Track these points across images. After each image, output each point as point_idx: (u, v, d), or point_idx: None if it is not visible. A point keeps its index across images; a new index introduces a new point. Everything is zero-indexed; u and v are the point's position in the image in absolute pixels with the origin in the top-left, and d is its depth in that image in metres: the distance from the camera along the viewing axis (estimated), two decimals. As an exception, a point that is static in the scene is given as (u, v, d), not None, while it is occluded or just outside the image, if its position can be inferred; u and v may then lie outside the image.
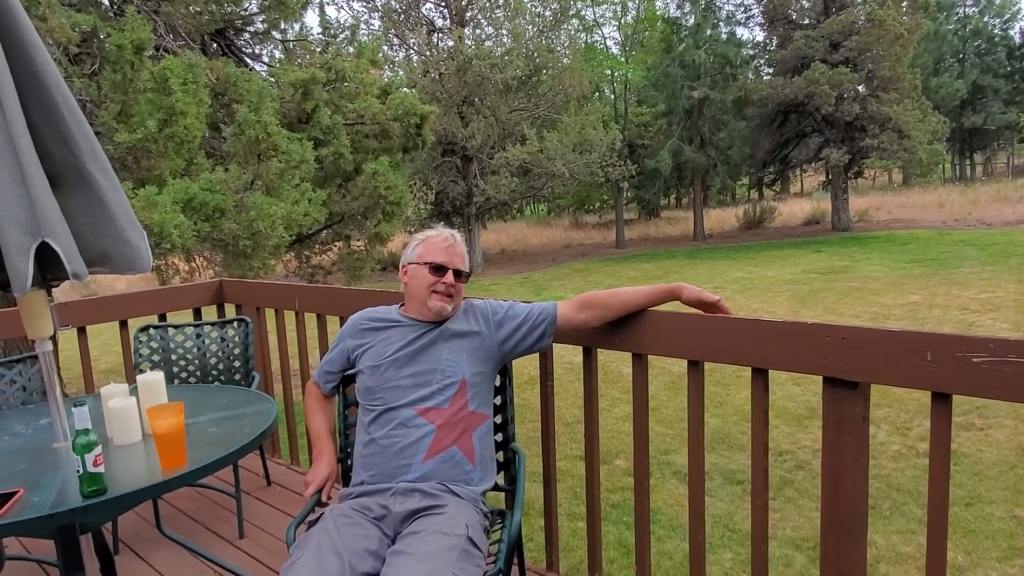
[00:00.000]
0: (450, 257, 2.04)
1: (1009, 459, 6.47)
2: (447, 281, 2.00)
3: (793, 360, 1.77)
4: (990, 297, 12.75)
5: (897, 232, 23.72)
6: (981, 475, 6.22)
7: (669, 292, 2.01)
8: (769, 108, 24.91)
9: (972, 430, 7.22)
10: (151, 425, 1.80)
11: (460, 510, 1.78)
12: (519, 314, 2.07)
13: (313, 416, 2.14)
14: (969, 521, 5.42)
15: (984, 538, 5.14)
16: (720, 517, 5.67)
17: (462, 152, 20.41)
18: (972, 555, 4.90)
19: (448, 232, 2.10)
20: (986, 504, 5.68)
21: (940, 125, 23.52)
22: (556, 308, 2.07)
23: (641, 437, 2.17)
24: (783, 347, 1.78)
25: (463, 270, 2.06)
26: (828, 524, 1.76)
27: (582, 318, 2.06)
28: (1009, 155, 47.99)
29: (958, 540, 5.14)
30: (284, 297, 3.38)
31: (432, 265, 2.03)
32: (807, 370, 1.75)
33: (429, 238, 2.10)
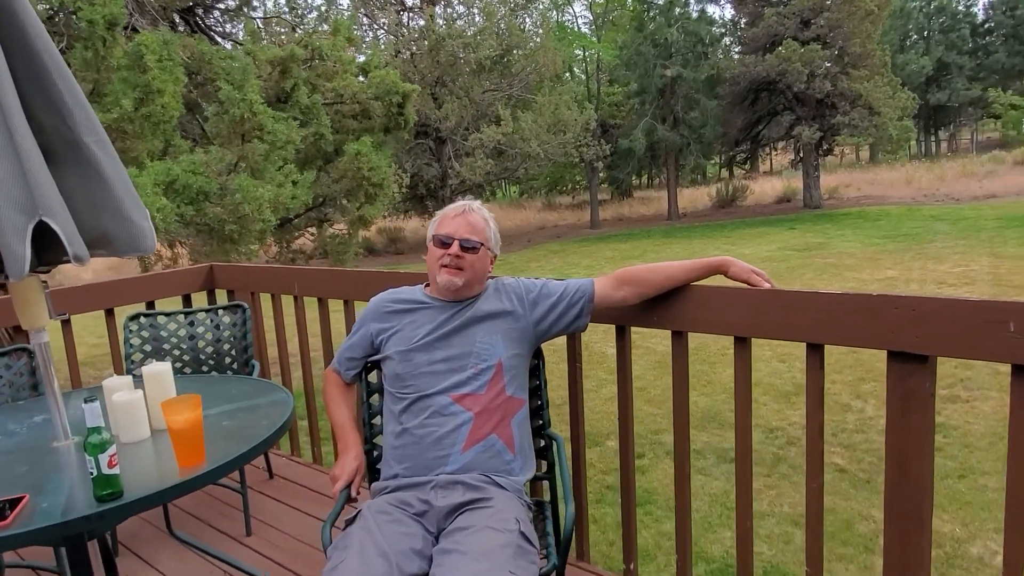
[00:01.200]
0: (456, 227, 1.90)
1: (997, 430, 6.53)
2: (452, 252, 1.87)
3: (854, 334, 1.68)
4: (965, 271, 12.94)
5: (868, 208, 24.03)
6: (971, 447, 6.27)
7: (715, 267, 1.91)
8: (741, 86, 24.96)
9: (958, 402, 7.29)
10: (167, 421, 1.65)
11: (507, 503, 1.67)
12: (554, 292, 1.95)
13: (335, 406, 2.00)
14: (963, 493, 5.45)
15: (980, 509, 5.18)
16: (717, 496, 5.65)
17: (435, 134, 20.12)
18: (969, 527, 4.93)
19: (464, 202, 1.97)
20: (979, 475, 5.72)
21: (909, 101, 23.79)
22: (593, 285, 1.95)
23: (682, 423, 2.08)
24: (843, 320, 1.68)
25: (473, 240, 1.90)
26: (893, 508, 1.68)
27: (621, 295, 1.95)
28: (973, 131, 48.88)
29: (954, 512, 5.17)
30: (282, 281, 3.21)
31: (437, 238, 1.91)
32: (869, 344, 1.66)
33: (444, 212, 1.98)
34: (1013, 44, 42.89)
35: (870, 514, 5.17)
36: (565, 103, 20.81)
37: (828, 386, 8.26)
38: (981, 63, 43.18)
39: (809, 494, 1.83)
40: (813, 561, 1.86)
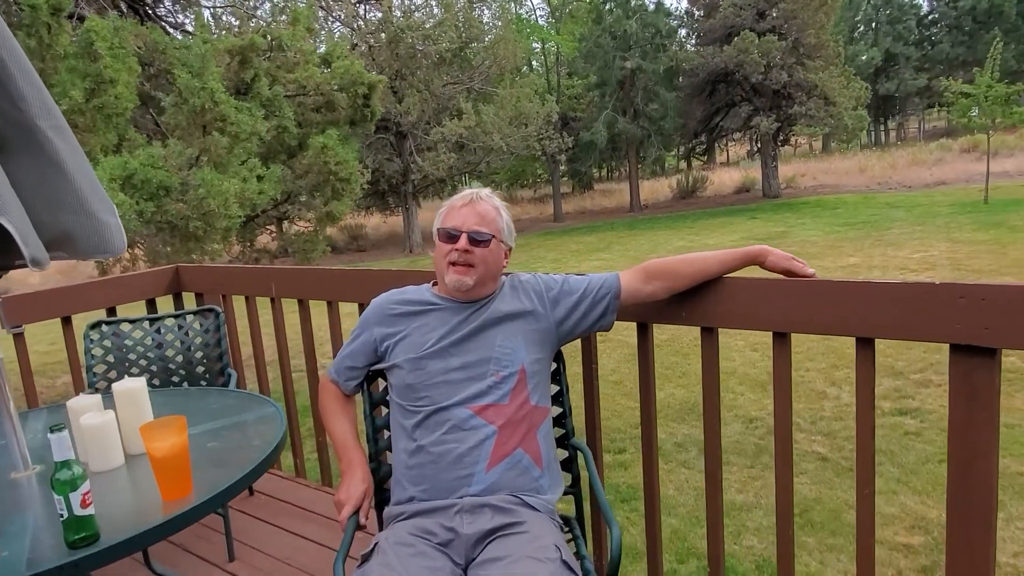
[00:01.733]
0: (463, 218, 1.69)
1: (971, 412, 6.57)
2: (460, 247, 1.66)
3: (912, 327, 1.54)
4: (924, 256, 13.18)
5: (825, 197, 24.43)
6: (943, 431, 6.29)
7: (750, 257, 1.75)
8: (700, 78, 25.12)
9: (931, 387, 7.34)
10: (148, 448, 1.42)
11: (542, 527, 1.49)
12: (576, 288, 1.77)
13: (335, 420, 1.79)
14: (945, 477, 5.45)
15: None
16: (700, 488, 5.56)
17: (396, 128, 19.74)
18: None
19: (471, 191, 1.76)
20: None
21: (863, 91, 24.23)
22: (619, 280, 1.77)
23: (712, 427, 1.92)
24: (900, 312, 1.54)
25: (483, 232, 1.69)
26: (957, 511, 1.55)
27: (649, 290, 1.78)
28: (920, 120, 50.24)
29: (938, 497, 5.15)
30: (257, 281, 2.97)
31: (443, 232, 1.70)
32: (930, 337, 1.53)
33: (451, 203, 1.76)
34: (956, 35, 44.19)
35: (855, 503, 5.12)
36: (526, 96, 20.62)
37: (802, 374, 8.27)
38: (926, 54, 44.40)
39: (860, 502, 1.69)
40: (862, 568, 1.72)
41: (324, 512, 2.79)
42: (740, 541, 4.61)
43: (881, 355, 8.10)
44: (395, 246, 24.03)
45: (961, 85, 18.22)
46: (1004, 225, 15.69)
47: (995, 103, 17.98)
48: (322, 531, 2.67)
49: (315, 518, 2.77)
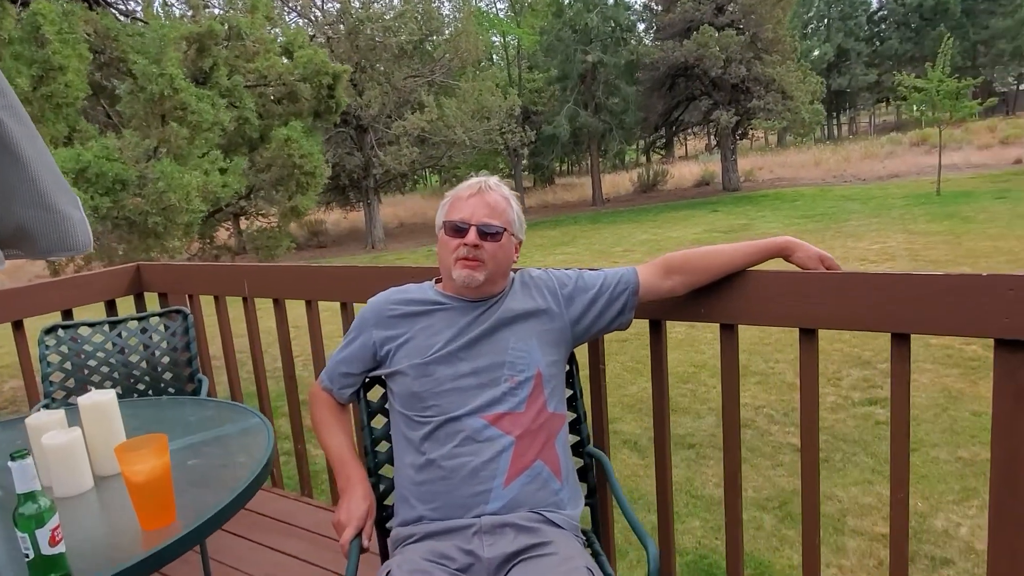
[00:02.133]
0: (472, 210, 1.55)
1: (939, 401, 6.66)
2: (468, 241, 1.53)
3: (954, 321, 1.45)
4: (883, 247, 13.43)
5: (783, 190, 24.81)
6: (917, 419, 6.35)
7: (777, 249, 1.64)
8: (660, 72, 25.26)
9: (896, 375, 7.41)
10: (126, 472, 1.25)
11: (569, 546, 1.35)
12: (591, 284, 1.64)
13: (329, 432, 1.63)
14: (918, 466, 5.48)
15: (937, 482, 5.21)
16: (680, 484, 5.50)
17: (356, 122, 19.35)
18: (930, 500, 4.93)
19: (479, 179, 1.62)
20: (930, 448, 5.78)
21: (818, 85, 24.67)
22: (637, 275, 1.65)
23: (732, 424, 1.82)
24: (940, 306, 1.45)
25: (493, 224, 1.55)
26: (1002, 515, 1.47)
27: (669, 286, 1.66)
28: (871, 115, 51.48)
29: (913, 486, 5.18)
30: (227, 280, 2.77)
31: (450, 225, 1.56)
32: (973, 332, 1.44)
33: (455, 193, 1.61)
34: (904, 31, 45.39)
35: (833, 493, 5.13)
36: (488, 89, 20.44)
37: (772, 365, 8.30)
38: (876, 49, 45.50)
39: (894, 507, 1.60)
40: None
41: (305, 525, 2.62)
42: (721, 536, 4.56)
43: (847, 344, 8.21)
44: (356, 242, 23.63)
45: (914, 80, 18.64)
46: (957, 216, 16.10)
47: (946, 97, 18.45)
48: (304, 546, 2.50)
49: (296, 532, 2.59)
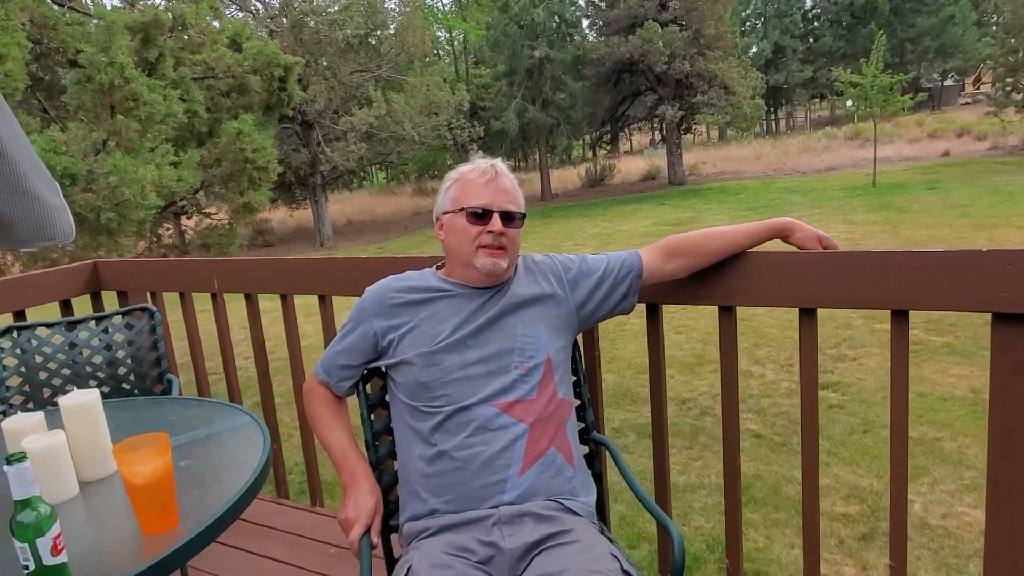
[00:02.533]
0: (492, 196, 1.52)
1: (887, 384, 6.88)
2: (494, 229, 1.49)
3: (952, 296, 1.48)
4: (827, 237, 13.83)
5: (727, 183, 25.37)
6: (868, 402, 6.56)
7: (777, 230, 1.65)
8: (606, 67, 25.49)
9: (846, 361, 7.66)
10: (125, 474, 1.17)
11: (590, 533, 1.33)
12: (595, 268, 1.62)
13: (329, 428, 1.56)
14: (871, 447, 5.66)
15: (888, 461, 5.38)
16: (645, 472, 5.56)
17: (302, 117, 18.93)
18: (884, 479, 5.09)
19: (487, 162, 1.58)
20: (881, 428, 5.98)
21: (758, 81, 25.30)
22: (640, 258, 1.64)
23: (731, 407, 1.83)
24: (940, 282, 1.48)
25: (514, 210, 1.54)
26: (999, 485, 1.51)
27: (670, 268, 1.65)
28: (807, 110, 53.06)
29: (868, 466, 5.35)
30: (194, 276, 2.65)
31: (470, 211, 1.52)
32: (972, 306, 1.47)
33: (463, 175, 1.57)
34: (837, 29, 46.95)
35: (794, 476, 5.25)
36: (436, 84, 20.26)
37: (727, 354, 8.46)
38: (810, 47, 46.93)
39: (894, 482, 1.63)
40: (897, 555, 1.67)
41: (285, 528, 2.53)
42: (688, 522, 4.62)
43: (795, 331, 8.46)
44: (304, 240, 23.17)
45: (850, 75, 19.27)
46: (892, 207, 16.74)
47: (880, 92, 19.14)
48: (286, 549, 2.42)
49: (276, 535, 2.51)
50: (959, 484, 4.84)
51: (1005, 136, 24.72)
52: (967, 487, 4.81)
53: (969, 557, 4.10)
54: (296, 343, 2.51)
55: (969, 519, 4.49)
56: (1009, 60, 22.57)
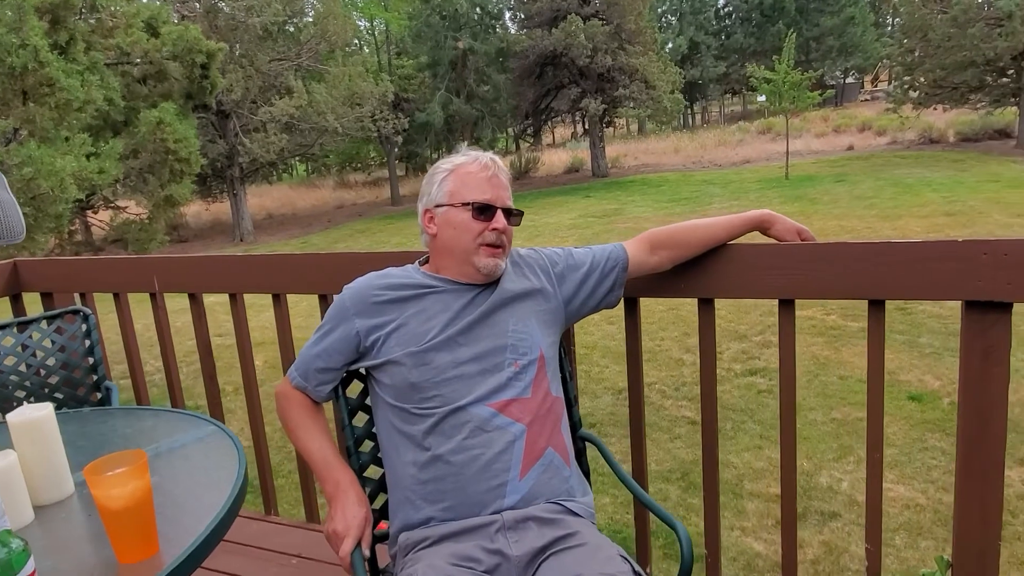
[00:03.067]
0: (493, 191, 1.47)
1: (810, 368, 7.20)
2: (498, 226, 1.45)
3: (928, 286, 1.53)
4: (747, 228, 14.34)
5: (648, 176, 25.92)
6: (794, 385, 6.82)
7: (756, 222, 1.66)
8: (530, 60, 25.57)
9: (772, 347, 7.96)
10: (99, 497, 1.06)
11: (594, 534, 1.29)
12: (581, 262, 1.59)
13: (308, 435, 1.47)
14: (800, 429, 5.83)
15: (817, 443, 5.62)
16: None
17: (217, 107, 18.14)
18: (813, 459, 5.32)
19: (487, 156, 1.51)
20: (807, 411, 6.24)
21: (677, 76, 25.93)
22: (626, 251, 1.62)
23: (710, 404, 1.83)
24: (916, 272, 1.53)
25: (513, 207, 1.51)
26: (969, 467, 1.56)
27: (655, 261, 1.64)
28: (721, 105, 54.85)
29: (798, 447, 5.56)
30: (130, 275, 2.47)
31: (476, 206, 1.45)
32: (946, 295, 1.52)
33: (460, 167, 1.50)
34: (747, 27, 48.69)
35: (728, 460, 5.41)
36: (359, 74, 19.80)
37: (657, 343, 8.65)
38: (723, 43, 48.50)
39: (870, 468, 1.67)
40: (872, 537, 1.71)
41: (249, 542, 2.39)
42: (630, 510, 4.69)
43: (723, 320, 8.70)
44: (222, 235, 22.27)
45: (764, 72, 20.01)
46: (805, 198, 17.51)
47: (791, 88, 19.97)
48: (255, 565, 2.28)
49: (242, 550, 2.36)
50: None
51: (903, 131, 26.24)
52: (888, 464, 5.07)
53: (895, 531, 4.32)
54: (247, 345, 2.37)
55: (893, 495, 4.73)
56: (906, 60, 23.95)
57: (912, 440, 5.40)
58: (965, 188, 16.28)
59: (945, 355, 6.99)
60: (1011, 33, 19.30)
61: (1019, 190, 15.47)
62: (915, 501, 4.60)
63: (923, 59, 22.80)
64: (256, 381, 2.40)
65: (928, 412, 5.84)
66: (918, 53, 23.22)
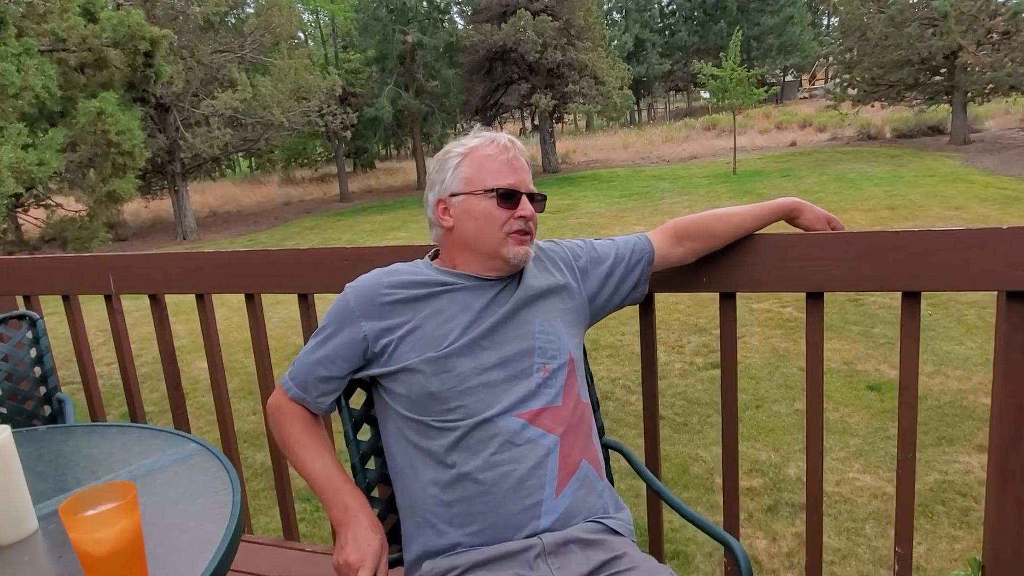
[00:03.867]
0: (516, 175, 1.32)
1: (771, 361, 7.27)
2: (525, 213, 1.31)
3: (965, 276, 1.45)
4: (699, 222, 14.52)
5: (599, 171, 26.06)
6: (756, 378, 6.88)
7: (784, 211, 1.56)
8: (479, 55, 25.39)
9: (732, 339, 7.99)
10: (78, 541, 0.88)
11: (642, 556, 1.17)
12: (605, 256, 1.46)
13: (309, 453, 1.29)
14: (765, 421, 5.93)
15: (783, 434, 5.66)
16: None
17: (156, 100, 17.38)
18: (781, 451, 5.35)
19: (504, 137, 1.36)
20: (772, 403, 6.28)
21: (625, 72, 26.13)
22: (651, 243, 1.49)
23: (730, 400, 1.73)
24: (953, 261, 1.45)
25: (538, 192, 1.37)
26: (1006, 467, 1.49)
27: (680, 253, 1.52)
28: (667, 101, 55.66)
29: (763, 440, 5.59)
30: (82, 275, 2.23)
31: (500, 192, 1.31)
32: (984, 286, 1.45)
33: (475, 149, 1.33)
34: (691, 25, 49.49)
35: (698, 455, 5.40)
36: (306, 67, 19.27)
37: (619, 338, 8.62)
38: (668, 41, 49.20)
39: (901, 468, 1.59)
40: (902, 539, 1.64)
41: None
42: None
43: (682, 314, 8.74)
44: (163, 233, 21.43)
45: (712, 69, 20.30)
46: (753, 193, 17.82)
47: (737, 85, 20.31)
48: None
49: None
50: (847, 452, 5.14)
51: (843, 128, 27.03)
52: (854, 454, 5.12)
53: (864, 520, 4.34)
54: (216, 348, 2.17)
55: (860, 484, 4.77)
56: (845, 58, 24.64)
57: (874, 429, 5.47)
58: (904, 183, 16.81)
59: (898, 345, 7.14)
60: (945, 33, 20.03)
61: (955, 184, 16.06)
62: (882, 490, 4.64)
63: (861, 58, 23.50)
64: (227, 390, 2.20)
65: (887, 401, 5.93)
66: (856, 52, 23.92)
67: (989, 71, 20.35)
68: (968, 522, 4.13)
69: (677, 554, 3.96)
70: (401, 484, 1.29)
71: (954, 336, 7.07)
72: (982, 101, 22.53)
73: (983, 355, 6.52)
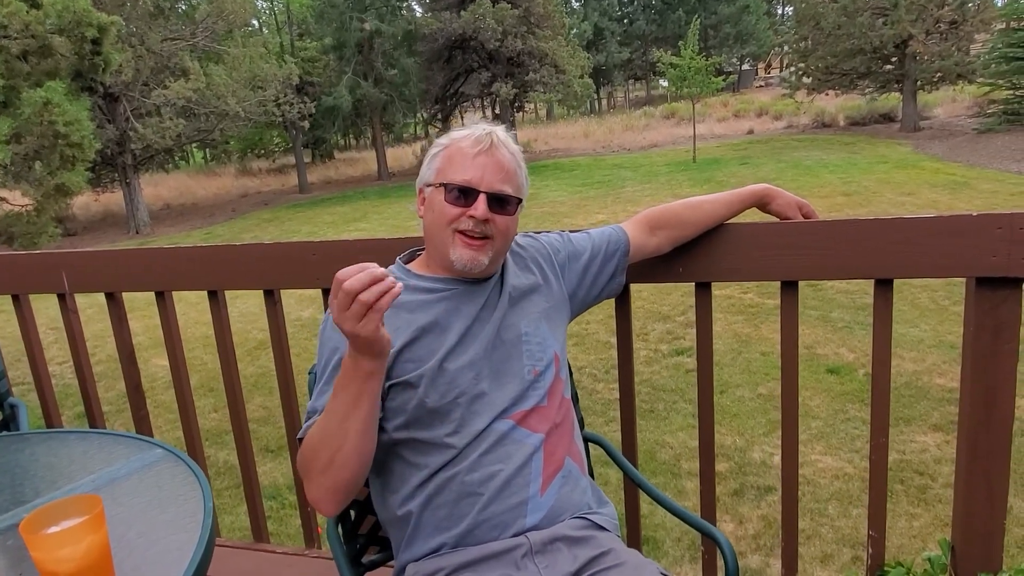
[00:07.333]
0: (481, 172, 1.23)
1: (733, 346, 7.37)
2: (476, 213, 1.21)
3: (941, 263, 1.47)
4: (661, 210, 14.65)
5: (560, 160, 26.09)
6: (719, 364, 6.97)
7: (756, 197, 1.56)
8: (439, 43, 25.14)
9: (692, 327, 8.11)
10: (41, 560, 0.83)
11: (627, 550, 1.16)
12: (582, 249, 1.44)
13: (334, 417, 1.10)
14: (729, 406, 6.01)
15: (747, 419, 5.74)
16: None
17: (104, 90, 16.81)
18: (745, 436, 5.43)
19: (483, 129, 1.29)
20: (735, 388, 6.37)
21: (586, 61, 26.16)
22: (626, 234, 1.47)
23: (706, 386, 1.73)
24: (925, 249, 1.46)
25: (507, 192, 1.26)
26: (975, 449, 1.52)
27: (655, 243, 1.51)
28: (626, 90, 55.95)
29: (728, 424, 5.66)
30: (33, 273, 2.13)
31: (451, 188, 1.24)
32: (955, 272, 1.47)
33: (454, 142, 1.27)
34: (649, 13, 49.80)
35: (664, 441, 5.45)
36: (261, 56, 18.84)
37: (584, 327, 8.66)
38: (627, 29, 49.44)
39: (874, 453, 1.61)
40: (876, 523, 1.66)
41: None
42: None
43: (647, 302, 8.81)
44: (115, 228, 20.80)
45: (671, 57, 20.44)
46: (713, 180, 18.04)
47: (696, 73, 20.50)
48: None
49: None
50: (809, 434, 5.24)
51: (798, 116, 27.51)
52: (816, 436, 5.22)
53: (827, 501, 4.43)
54: (179, 347, 2.10)
55: (822, 466, 4.87)
56: (800, 47, 25.07)
57: (834, 412, 5.58)
58: (858, 169, 17.18)
59: (856, 328, 7.29)
60: (896, 22, 20.50)
61: (906, 170, 16.48)
62: (843, 471, 4.74)
63: (815, 47, 23.91)
64: (191, 391, 2.13)
65: (846, 384, 6.05)
66: (810, 41, 24.34)
67: (937, 60, 20.92)
68: (925, 499, 4.24)
69: (647, 540, 3.99)
70: (386, 491, 1.24)
71: (908, 319, 7.24)
72: (931, 89, 23.14)
73: (936, 337, 6.70)
